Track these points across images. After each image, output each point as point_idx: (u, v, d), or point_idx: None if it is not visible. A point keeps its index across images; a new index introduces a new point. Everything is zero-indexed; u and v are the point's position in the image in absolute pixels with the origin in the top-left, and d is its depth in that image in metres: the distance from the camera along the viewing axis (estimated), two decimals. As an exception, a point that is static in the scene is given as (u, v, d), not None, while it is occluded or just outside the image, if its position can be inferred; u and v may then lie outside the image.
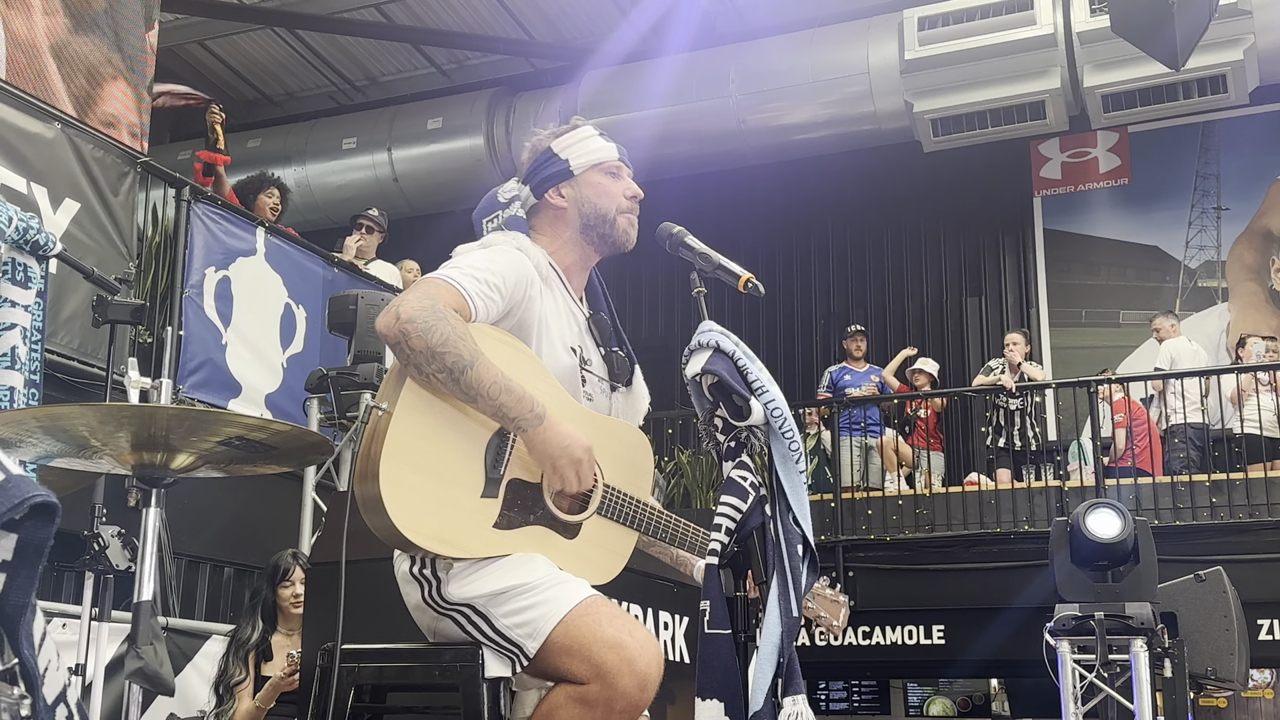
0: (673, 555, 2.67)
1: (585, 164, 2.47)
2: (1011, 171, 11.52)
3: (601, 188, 2.46)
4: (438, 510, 2.14)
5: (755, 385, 2.17)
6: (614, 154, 2.49)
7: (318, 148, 11.66)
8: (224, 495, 6.10)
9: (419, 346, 2.09)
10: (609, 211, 2.45)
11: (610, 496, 2.37)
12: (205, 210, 6.28)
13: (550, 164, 2.48)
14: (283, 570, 4.60)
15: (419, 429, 2.15)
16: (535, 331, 2.33)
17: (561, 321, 2.40)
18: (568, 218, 2.47)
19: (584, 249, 2.47)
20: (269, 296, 6.66)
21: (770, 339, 11.81)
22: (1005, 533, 9.14)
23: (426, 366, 2.11)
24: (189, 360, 6.03)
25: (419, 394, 2.16)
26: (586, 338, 2.48)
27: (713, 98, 10.67)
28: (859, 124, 10.59)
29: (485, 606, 2.17)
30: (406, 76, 12.55)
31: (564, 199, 2.47)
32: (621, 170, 2.49)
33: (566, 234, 2.47)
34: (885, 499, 9.70)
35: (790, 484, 2.18)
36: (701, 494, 9.79)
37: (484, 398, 2.13)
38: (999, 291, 11.53)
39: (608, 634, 2.10)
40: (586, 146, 2.48)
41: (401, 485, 2.10)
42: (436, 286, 2.19)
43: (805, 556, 2.17)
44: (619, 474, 2.40)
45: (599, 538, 2.35)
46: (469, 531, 2.17)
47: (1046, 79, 9.94)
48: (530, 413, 2.16)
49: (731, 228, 11.23)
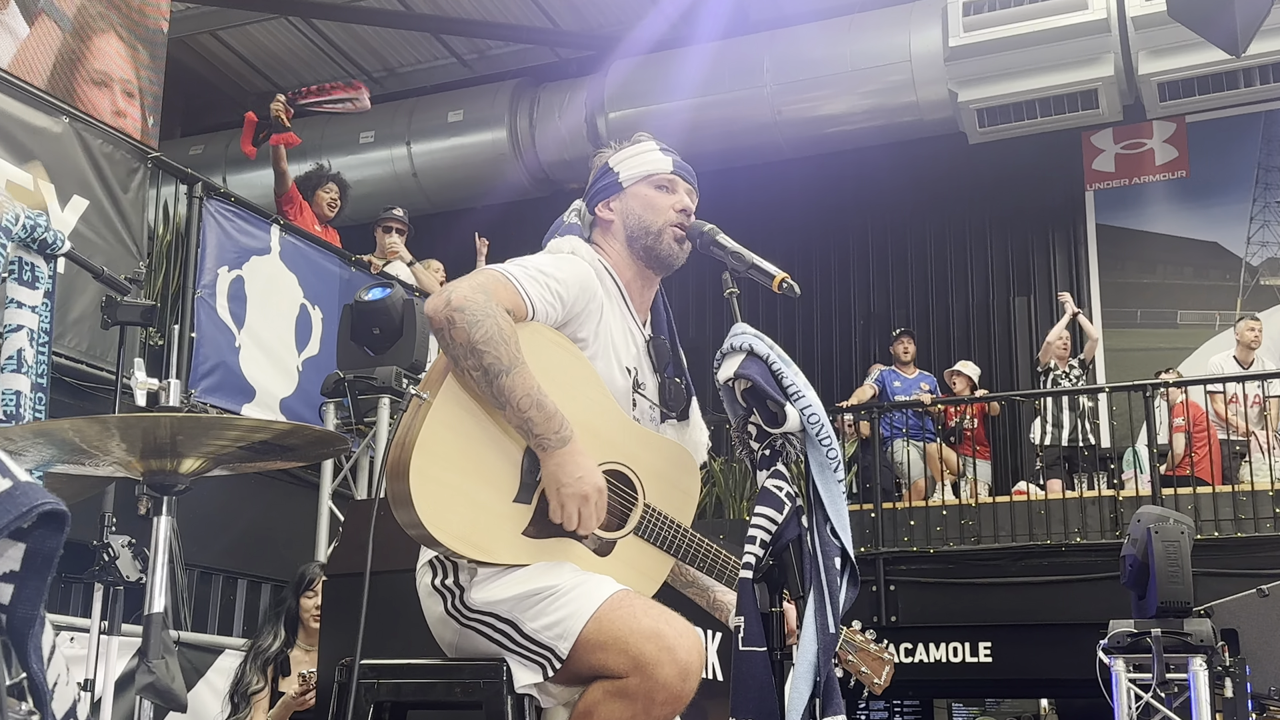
0: (710, 599, 2.64)
1: (635, 176, 2.48)
2: (1062, 164, 11.45)
3: (648, 200, 2.47)
4: (467, 510, 2.14)
5: (791, 391, 2.17)
6: (666, 166, 2.50)
7: (334, 141, 11.72)
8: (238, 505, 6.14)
9: (460, 338, 2.10)
10: (653, 224, 2.45)
11: (650, 517, 2.36)
12: (218, 207, 6.33)
13: (604, 177, 2.51)
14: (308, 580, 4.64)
15: (458, 423, 2.15)
16: (592, 346, 2.34)
17: (619, 339, 2.40)
18: (615, 231, 2.49)
19: (635, 264, 2.48)
20: (284, 297, 6.71)
21: (806, 342, 11.77)
22: (1056, 545, 9.08)
23: (464, 360, 2.12)
24: (201, 363, 6.07)
25: (462, 388, 2.16)
26: (644, 360, 2.48)
27: (746, 88, 10.65)
28: (900, 115, 10.55)
29: (511, 612, 2.17)
30: (426, 67, 12.60)
31: (612, 212, 2.49)
32: (675, 184, 2.49)
33: (617, 248, 2.48)
34: (929, 509, 9.65)
35: (828, 494, 2.17)
36: (735, 504, 9.77)
37: (513, 408, 2.13)
38: (1049, 291, 11.45)
39: (644, 624, 2.10)
40: (640, 160, 2.50)
41: (432, 480, 2.11)
42: (495, 280, 2.19)
43: (844, 570, 2.17)
44: (662, 495, 2.39)
45: (632, 559, 2.34)
46: (497, 535, 2.17)
47: (1099, 66, 9.87)
48: (555, 434, 2.16)
49: (765, 225, 11.20)
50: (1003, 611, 9.11)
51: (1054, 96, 10.03)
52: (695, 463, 2.51)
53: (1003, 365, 11.38)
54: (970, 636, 9.27)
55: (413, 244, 8.12)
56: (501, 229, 9.73)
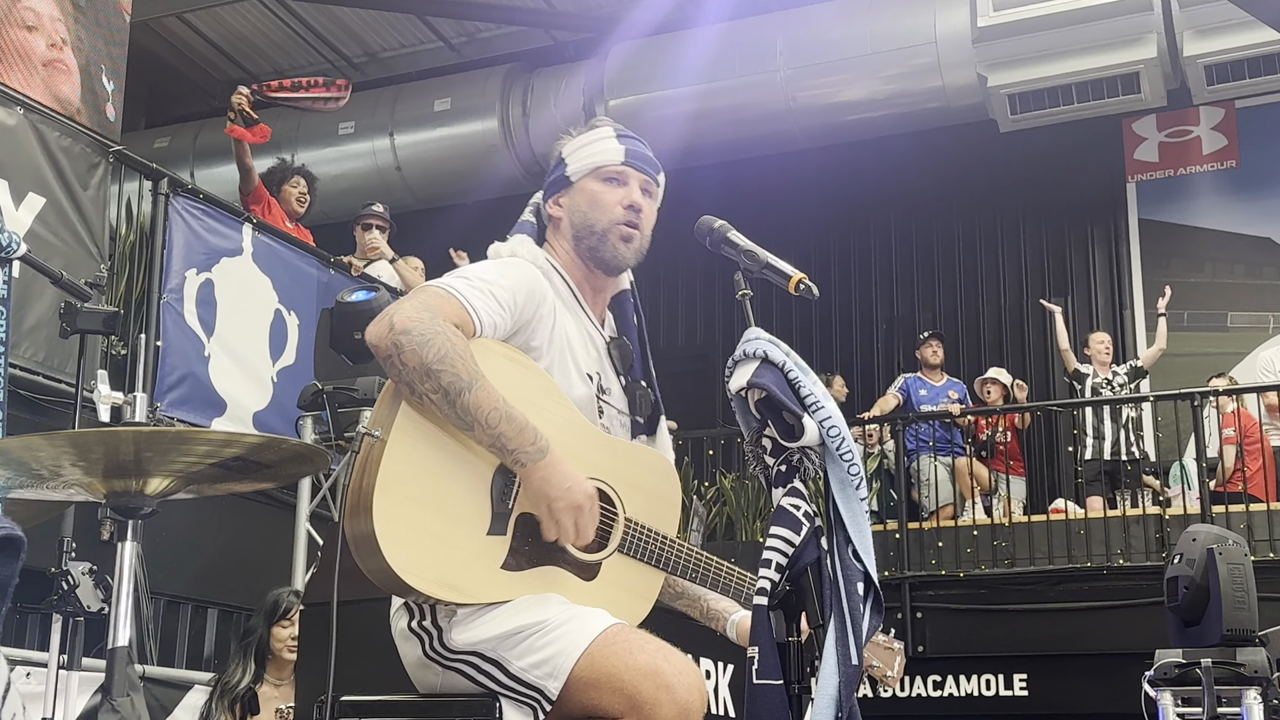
0: (703, 608, 2.66)
1: (583, 169, 2.49)
2: (1101, 154, 11.44)
3: (594, 197, 2.47)
4: (439, 550, 2.14)
5: (809, 401, 2.17)
6: (617, 157, 2.48)
7: (311, 133, 11.73)
8: (207, 528, 6.14)
9: (412, 362, 2.11)
10: (596, 223, 2.45)
11: (633, 532, 2.37)
12: (185, 205, 6.34)
13: (555, 170, 2.52)
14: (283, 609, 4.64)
15: (417, 457, 2.15)
16: (547, 354, 2.34)
17: (577, 344, 2.41)
18: (563, 229, 2.50)
19: (583, 264, 2.48)
20: (257, 302, 6.71)
21: (824, 348, 11.77)
22: (1097, 568, 9.06)
23: (419, 385, 2.12)
24: (167, 374, 6.08)
25: (417, 418, 2.16)
26: (606, 364, 2.48)
27: (757, 73, 10.66)
28: (925, 101, 10.56)
29: (495, 651, 2.18)
30: (410, 52, 12.62)
31: (561, 209, 2.50)
32: (627, 175, 2.48)
33: (565, 246, 2.49)
34: (958, 529, 9.64)
35: (850, 513, 2.17)
36: (747, 524, 9.77)
37: (481, 425, 2.14)
38: (1087, 291, 11.45)
39: (640, 661, 2.10)
40: (590, 150, 2.49)
41: (398, 522, 2.11)
42: (436, 296, 2.21)
43: (868, 596, 2.16)
44: (643, 507, 2.40)
45: (621, 579, 2.35)
46: (475, 574, 2.18)
47: (1141, 47, 9.87)
48: (532, 446, 2.17)
49: (779, 221, 11.20)
50: (1039, 640, 9.09)
51: (1092, 80, 10.03)
52: (671, 467, 2.52)
53: (1038, 373, 11.36)
54: (1004, 668, 9.25)
55: (396, 242, 8.13)
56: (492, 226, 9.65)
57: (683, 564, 2.44)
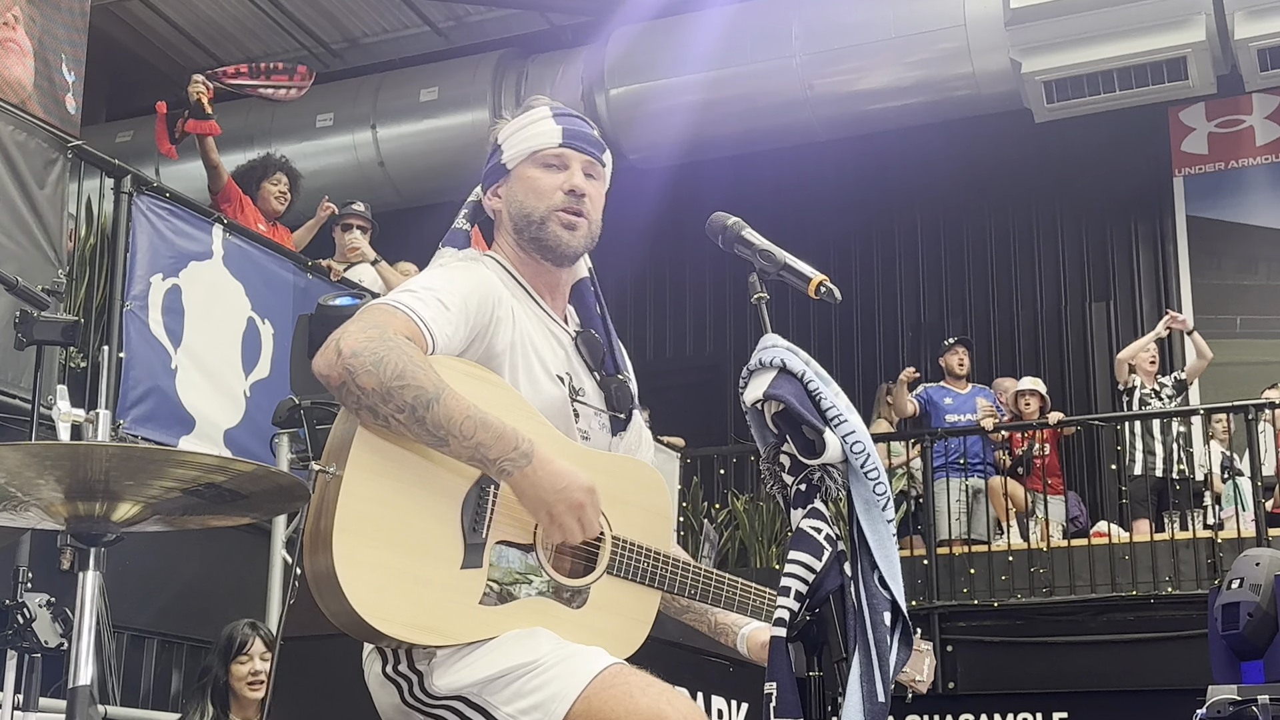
0: (711, 622, 2.66)
1: (520, 154, 2.48)
2: (1145, 146, 11.45)
3: (531, 183, 2.47)
4: (410, 590, 2.14)
5: (831, 414, 2.17)
6: (554, 138, 2.47)
7: (286, 125, 11.75)
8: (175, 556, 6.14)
9: (369, 384, 2.10)
10: (535, 211, 2.45)
11: (622, 551, 2.37)
12: (150, 204, 6.34)
13: (491, 159, 2.52)
14: (239, 643, 4.65)
15: (377, 492, 2.15)
16: (508, 360, 2.34)
17: (541, 345, 2.41)
18: (503, 223, 2.51)
19: (529, 257, 2.48)
20: (228, 309, 6.71)
21: (846, 356, 11.77)
22: (1144, 596, 9.05)
23: (382, 408, 2.11)
24: (131, 388, 6.07)
25: (372, 448, 2.16)
26: (575, 362, 2.48)
27: (771, 58, 10.67)
28: (953, 88, 10.57)
29: (481, 695, 2.17)
30: (394, 37, 12.64)
31: (499, 199, 2.51)
32: (567, 158, 2.47)
33: (510, 241, 2.49)
34: (992, 554, 9.63)
35: (875, 536, 2.17)
36: (762, 549, 9.76)
37: (456, 437, 2.13)
38: (1131, 295, 11.45)
39: (642, 705, 2.10)
40: (526, 134, 2.49)
41: (361, 564, 2.10)
42: (382, 314, 2.20)
43: (895, 626, 2.16)
44: (630, 522, 2.40)
45: (613, 603, 2.35)
46: (451, 612, 2.17)
47: (1188, 30, 9.88)
48: (515, 450, 2.16)
49: (795, 219, 11.21)
50: (1081, 675, 9.07)
51: (1135, 66, 10.03)
52: (657, 475, 2.52)
53: (1078, 383, 11.36)
54: (1043, 706, 9.23)
55: (379, 244, 8.14)
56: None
57: (679, 581, 2.44)
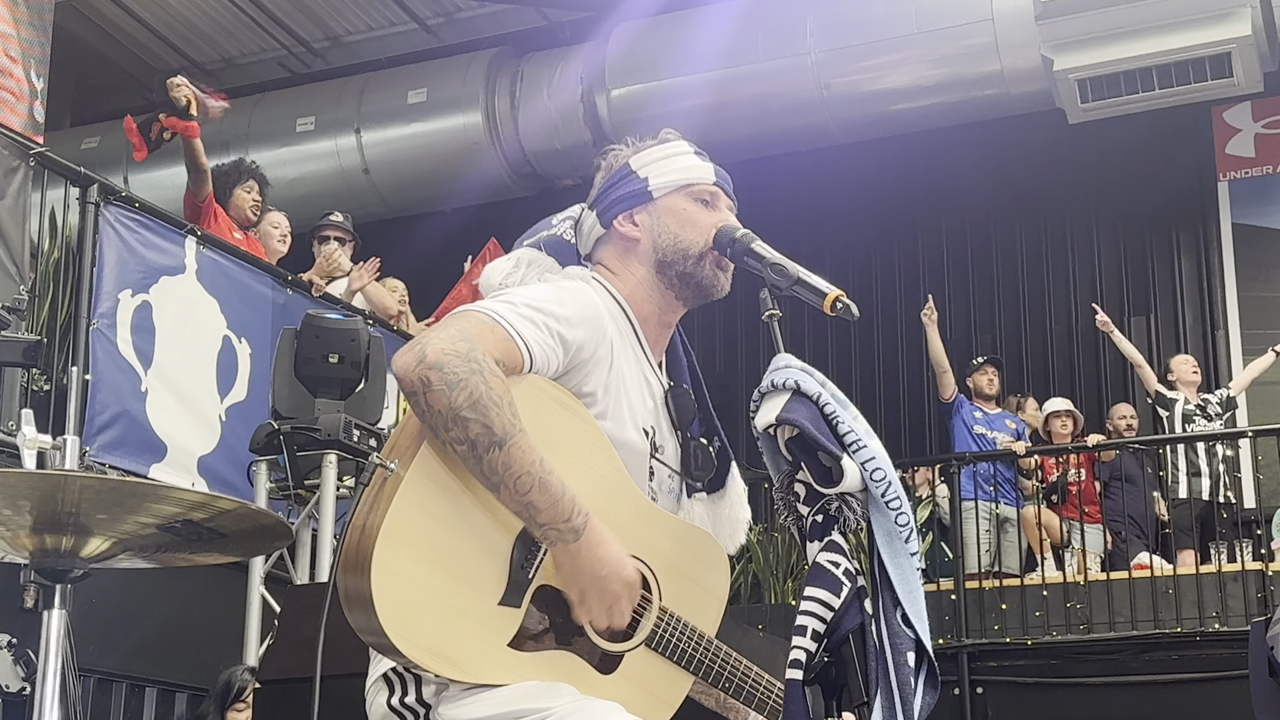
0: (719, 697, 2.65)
1: (669, 185, 2.50)
2: (1187, 148, 11.45)
3: (687, 217, 2.49)
4: (441, 615, 2.14)
5: (849, 439, 2.17)
6: (709, 176, 2.52)
7: (265, 130, 11.77)
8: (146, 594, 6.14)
9: (440, 405, 2.10)
10: (692, 245, 2.47)
11: (666, 625, 2.36)
12: (119, 215, 6.36)
13: (625, 183, 2.51)
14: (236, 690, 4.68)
15: (433, 505, 2.16)
16: (600, 401, 2.34)
17: (634, 393, 2.42)
18: (640, 252, 2.49)
19: (662, 295, 2.49)
20: (202, 328, 6.73)
21: (866, 377, 11.76)
22: (1189, 633, 9.03)
23: (444, 432, 2.11)
24: (98, 413, 6.09)
25: (439, 459, 2.17)
26: (662, 417, 2.49)
27: (784, 56, 10.69)
28: (980, 88, 10.57)
29: None
30: (380, 35, 12.67)
31: (638, 227, 2.50)
32: (718, 198, 2.51)
33: (640, 273, 2.49)
34: (1025, 589, 9.61)
35: (898, 570, 2.17)
36: (777, 585, 9.75)
37: (509, 489, 2.13)
38: (1173, 308, 11.43)
39: None
40: (674, 164, 2.51)
41: (398, 576, 2.11)
42: (479, 325, 2.20)
43: (920, 668, 2.17)
44: (681, 596, 2.39)
45: (643, 677, 2.35)
46: (477, 648, 2.17)
47: (1233, 23, 9.88)
48: (565, 523, 2.17)
49: (810, 229, 11.22)
50: (1121, 718, 9.04)
51: (1176, 63, 10.04)
52: (723, 555, 2.52)
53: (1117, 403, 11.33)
54: (1081, 752, 9.21)
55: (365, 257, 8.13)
56: (476, 237, 9.76)
57: (717, 671, 2.44)
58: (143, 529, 2.12)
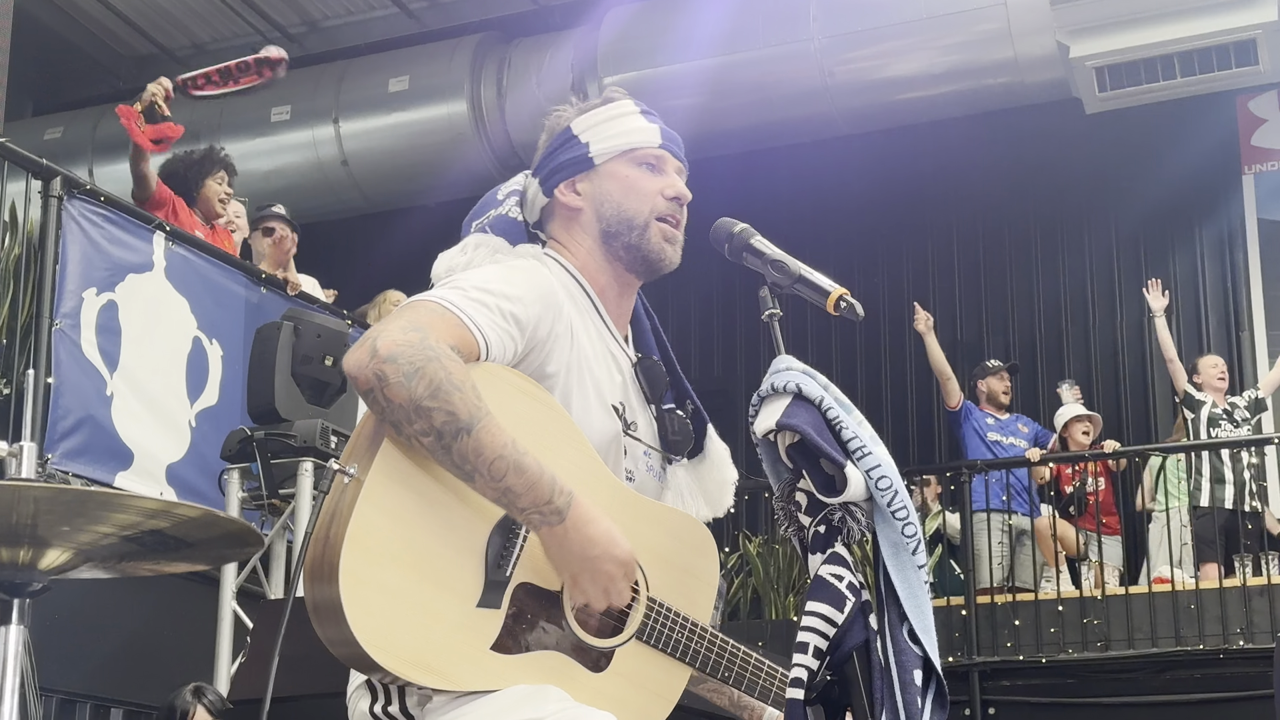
0: (732, 696, 2.67)
1: (611, 150, 2.49)
2: (1210, 139, 11.46)
3: (629, 182, 2.48)
4: (417, 621, 2.15)
5: (853, 445, 2.18)
6: (654, 138, 2.51)
7: (238, 120, 11.76)
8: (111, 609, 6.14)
9: (398, 398, 2.10)
10: (637, 215, 2.47)
11: (656, 616, 2.37)
12: (83, 209, 6.35)
13: (566, 148, 2.51)
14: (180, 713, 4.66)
15: (397, 506, 2.16)
16: (560, 383, 2.35)
17: (599, 369, 2.42)
18: (584, 222, 2.50)
19: (612, 266, 2.49)
20: (171, 328, 6.72)
21: (871, 381, 11.77)
22: (1213, 650, 9.03)
23: (407, 426, 2.12)
24: (61, 418, 6.08)
25: (401, 457, 2.17)
26: (632, 391, 2.50)
27: (786, 42, 10.70)
28: (993, 75, 10.58)
29: None
30: (359, 20, 12.67)
31: (580, 196, 2.50)
32: (664, 161, 2.51)
33: (587, 244, 2.49)
34: (1039, 604, 9.61)
35: (905, 584, 2.18)
36: (778, 598, 9.75)
37: (484, 476, 2.14)
38: (1195, 308, 11.45)
39: None
40: (618, 126, 2.51)
41: (369, 584, 2.11)
42: (428, 313, 2.21)
43: (928, 686, 2.17)
44: (669, 584, 2.40)
45: (636, 673, 2.35)
46: (458, 654, 2.18)
47: (1259, 8, 9.89)
48: (547, 504, 2.17)
49: (814, 224, 11.23)
50: (1142, 741, 9.07)
51: (1198, 50, 10.05)
52: (710, 538, 2.52)
53: (1136, 409, 11.35)
54: (1098, 775, 9.22)
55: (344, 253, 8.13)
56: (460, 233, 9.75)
57: (715, 660, 2.44)
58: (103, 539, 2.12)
